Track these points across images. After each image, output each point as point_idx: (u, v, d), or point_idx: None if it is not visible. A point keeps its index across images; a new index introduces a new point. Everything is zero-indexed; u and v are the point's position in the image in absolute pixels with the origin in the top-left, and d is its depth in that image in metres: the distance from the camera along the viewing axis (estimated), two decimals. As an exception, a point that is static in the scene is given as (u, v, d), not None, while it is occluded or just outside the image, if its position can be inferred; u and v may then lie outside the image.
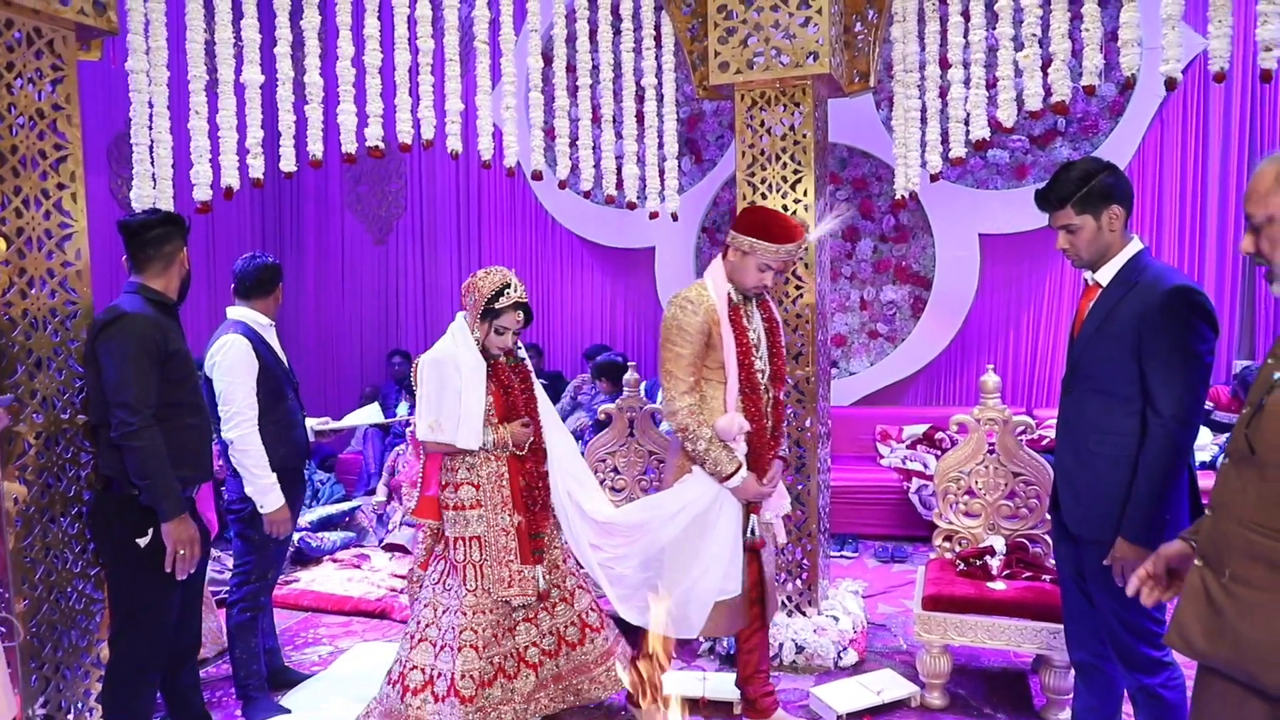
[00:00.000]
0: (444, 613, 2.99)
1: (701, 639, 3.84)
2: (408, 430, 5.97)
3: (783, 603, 3.75)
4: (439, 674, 2.91)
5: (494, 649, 2.95)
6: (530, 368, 3.19)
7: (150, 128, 3.13)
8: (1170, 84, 2.78)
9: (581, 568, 3.18)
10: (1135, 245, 2.39)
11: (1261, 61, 2.63)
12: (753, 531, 2.90)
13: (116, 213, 6.56)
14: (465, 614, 2.93)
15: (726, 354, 2.80)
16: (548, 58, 4.12)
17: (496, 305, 2.92)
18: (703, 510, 2.84)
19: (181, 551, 2.60)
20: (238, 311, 3.29)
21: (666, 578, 2.89)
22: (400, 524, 5.66)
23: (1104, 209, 2.35)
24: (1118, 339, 2.31)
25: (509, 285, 2.93)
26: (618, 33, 4.08)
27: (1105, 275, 2.40)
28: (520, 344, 3.14)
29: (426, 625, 3.00)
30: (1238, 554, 1.56)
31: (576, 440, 5.58)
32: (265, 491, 3.13)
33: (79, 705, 2.75)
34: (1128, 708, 2.58)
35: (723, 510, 2.85)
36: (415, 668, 2.96)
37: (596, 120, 4.19)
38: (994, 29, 3.43)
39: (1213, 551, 1.63)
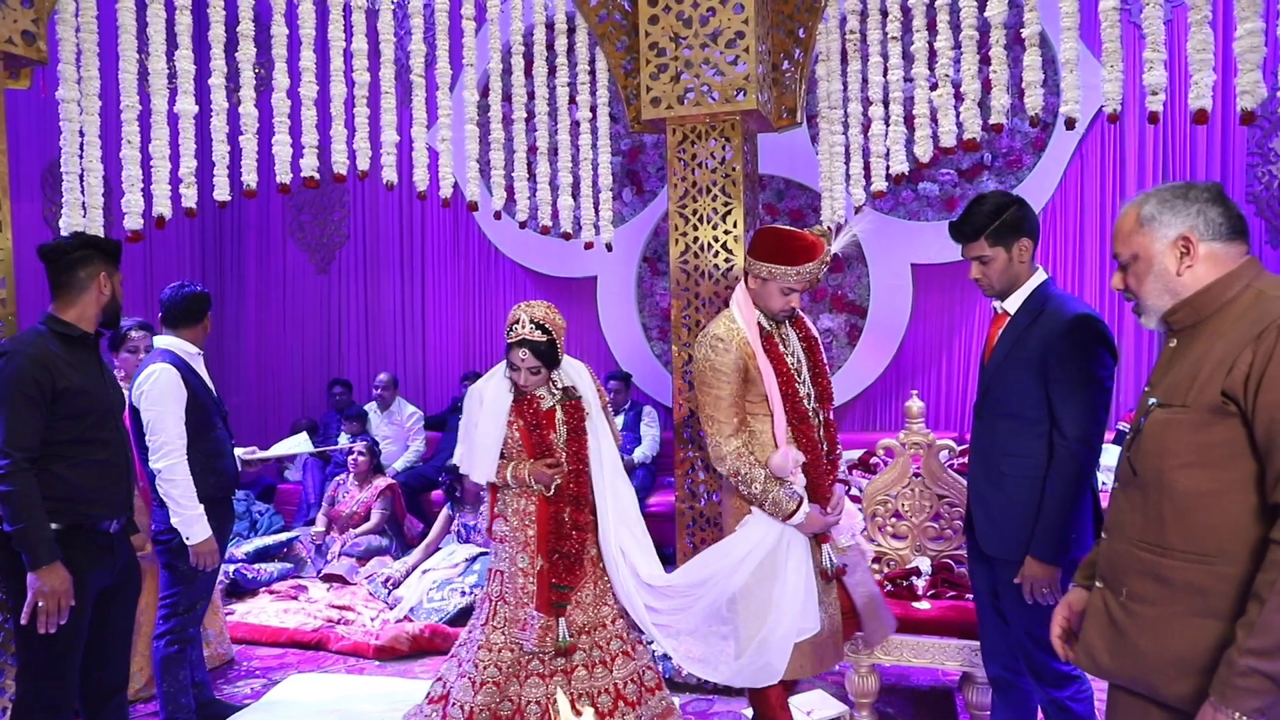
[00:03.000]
0: (468, 633, 3.04)
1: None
2: (349, 459, 5.97)
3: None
4: (449, 691, 2.96)
5: (499, 693, 2.86)
6: (586, 409, 3.00)
7: (81, 156, 3.13)
8: (1069, 123, 2.95)
9: (633, 630, 3.04)
10: (1040, 275, 2.51)
11: (1149, 104, 2.80)
12: (829, 562, 2.75)
13: (47, 239, 6.45)
14: (489, 649, 2.91)
15: (768, 386, 2.65)
16: (485, 91, 4.20)
17: (508, 341, 2.88)
18: (770, 551, 2.68)
19: (41, 604, 2.42)
20: (165, 340, 3.28)
21: (741, 628, 2.73)
22: (339, 554, 5.61)
23: (1015, 241, 2.46)
24: (1025, 365, 2.42)
25: (518, 321, 2.86)
26: (553, 69, 4.17)
27: (1013, 304, 2.51)
28: (564, 384, 3.00)
29: (460, 644, 3.07)
30: (1132, 572, 1.65)
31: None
32: (191, 523, 3.10)
33: (-4, 743, 2.70)
34: (1040, 720, 2.68)
35: (790, 549, 2.69)
36: (439, 679, 3.05)
37: (533, 152, 4.26)
38: (911, 70, 3.59)
39: (1110, 572, 1.71)
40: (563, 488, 2.91)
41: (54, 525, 2.51)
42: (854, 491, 5.66)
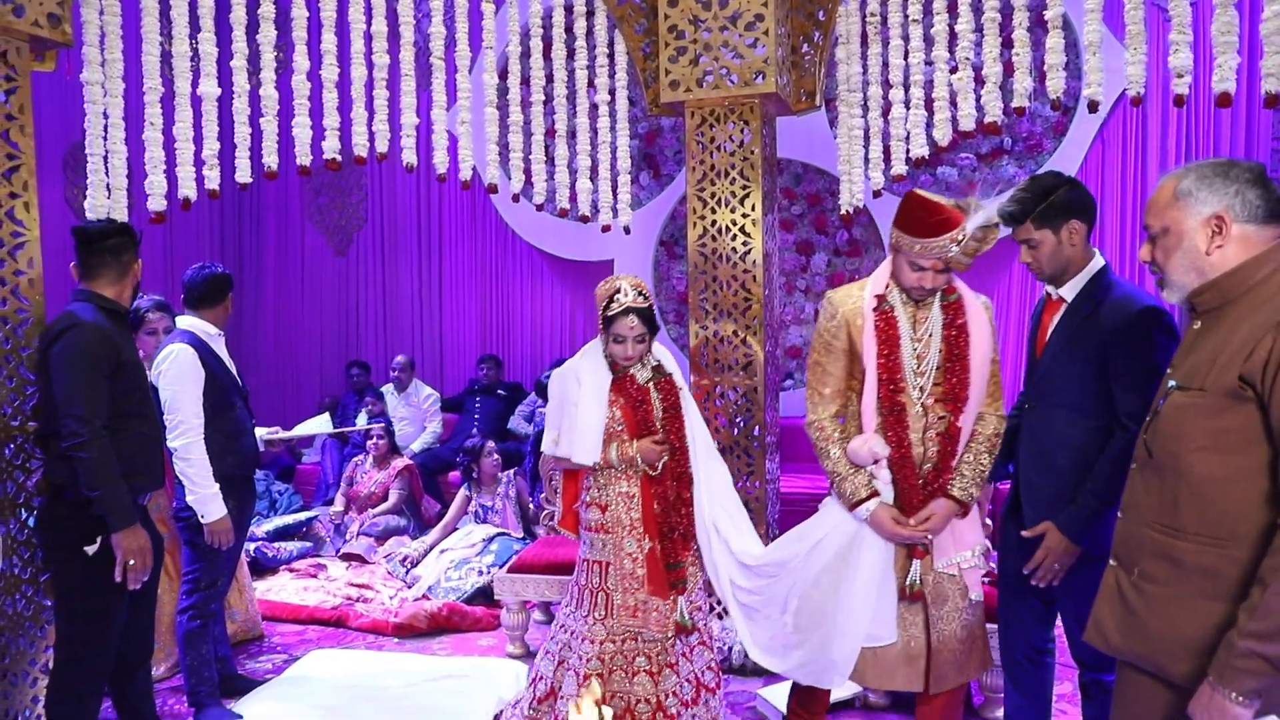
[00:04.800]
0: (560, 629, 2.95)
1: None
2: (369, 441, 6.02)
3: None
4: (558, 686, 2.88)
5: (604, 687, 2.77)
6: (679, 384, 2.92)
7: (105, 138, 3.16)
8: (1092, 106, 2.93)
9: (709, 615, 2.95)
10: (1098, 261, 2.43)
11: (1174, 87, 2.78)
12: (914, 580, 2.42)
13: (72, 221, 6.50)
14: (580, 638, 2.83)
15: (866, 365, 2.40)
16: (503, 73, 4.21)
17: (609, 313, 2.76)
18: (846, 540, 2.45)
19: (131, 561, 2.59)
20: (186, 321, 3.33)
21: (806, 618, 2.54)
22: (358, 534, 5.67)
23: (1063, 224, 2.36)
24: (1084, 356, 2.35)
25: (619, 290, 2.78)
26: (572, 52, 4.17)
27: (1069, 291, 2.43)
28: (658, 359, 2.93)
29: (551, 638, 2.99)
30: (1145, 553, 1.66)
31: (521, 458, 5.64)
32: (207, 501, 3.15)
33: (26, 712, 2.75)
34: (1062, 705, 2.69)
35: (865, 542, 2.44)
36: (541, 678, 2.96)
37: (551, 135, 4.27)
38: (932, 53, 3.57)
39: (1124, 552, 1.72)
40: (667, 465, 2.83)
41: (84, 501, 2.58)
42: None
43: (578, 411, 2.78)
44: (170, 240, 7.33)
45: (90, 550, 2.58)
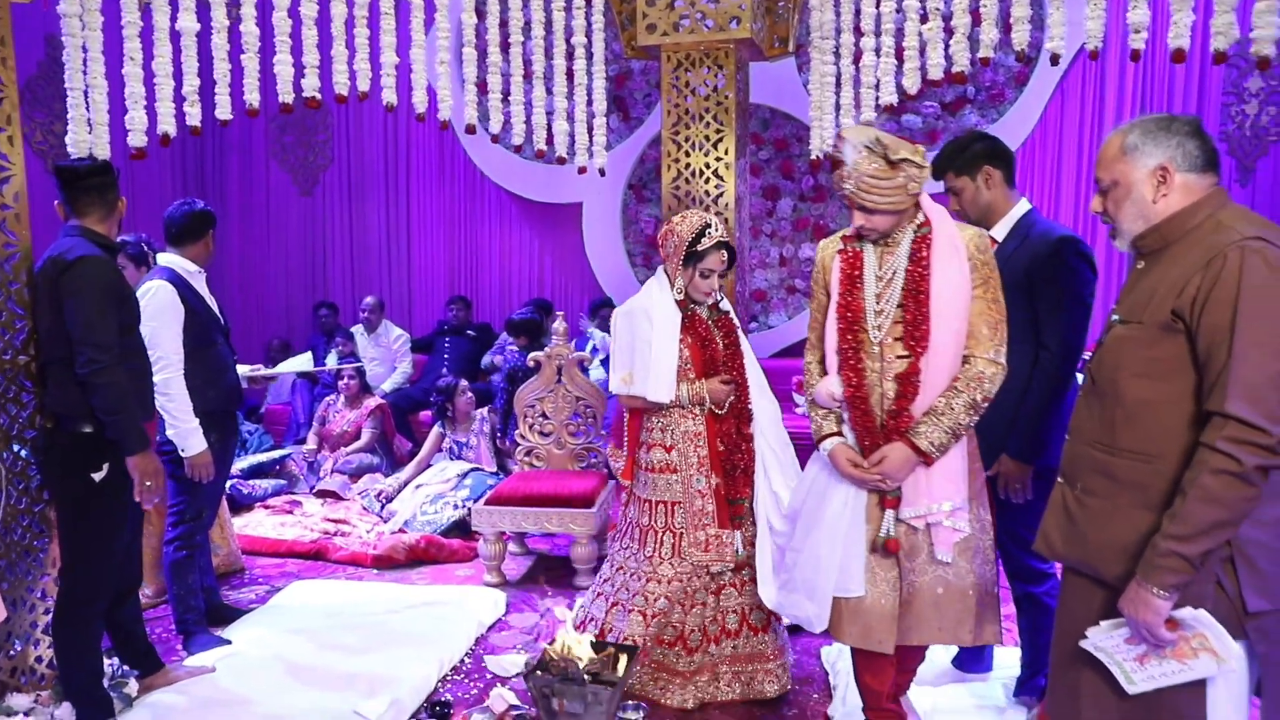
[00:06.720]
0: (617, 570, 2.98)
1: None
2: (340, 381, 6.08)
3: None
4: (610, 629, 2.92)
5: (665, 620, 2.86)
6: (736, 321, 2.96)
7: (85, 72, 3.15)
8: (1054, 59, 3.06)
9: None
10: (1024, 205, 2.70)
11: (1131, 43, 2.91)
12: (886, 531, 2.30)
13: (28, 157, 6.39)
14: (641, 578, 2.87)
15: (830, 303, 2.39)
16: (481, 13, 4.21)
17: (699, 247, 2.77)
18: (821, 487, 2.42)
19: (149, 483, 2.71)
20: (166, 258, 3.36)
21: (790, 560, 2.55)
22: (331, 471, 5.76)
23: (978, 170, 2.64)
24: (1012, 286, 2.55)
25: (709, 225, 2.79)
26: (549, -9, 4.19)
27: (1000, 231, 2.69)
28: (722, 295, 2.98)
29: (604, 580, 3.02)
30: (1086, 470, 1.85)
31: (492, 396, 5.77)
32: (187, 436, 3.21)
33: (26, 637, 2.84)
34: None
35: (834, 488, 2.38)
36: (592, 619, 3.00)
37: (528, 76, 4.30)
38: (903, 2, 3.66)
39: (1069, 470, 1.92)
40: (730, 403, 2.87)
41: (89, 429, 2.67)
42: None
43: (651, 350, 2.79)
44: (132, 180, 7.19)
45: (98, 477, 2.67)
